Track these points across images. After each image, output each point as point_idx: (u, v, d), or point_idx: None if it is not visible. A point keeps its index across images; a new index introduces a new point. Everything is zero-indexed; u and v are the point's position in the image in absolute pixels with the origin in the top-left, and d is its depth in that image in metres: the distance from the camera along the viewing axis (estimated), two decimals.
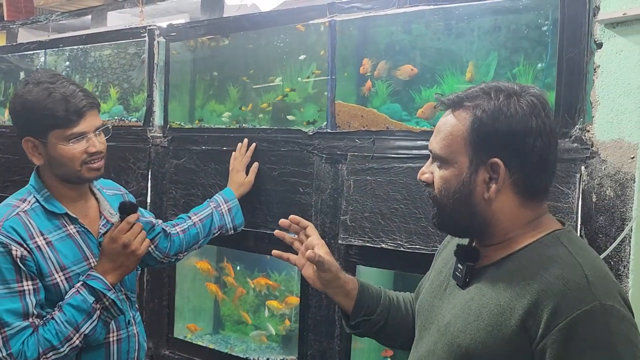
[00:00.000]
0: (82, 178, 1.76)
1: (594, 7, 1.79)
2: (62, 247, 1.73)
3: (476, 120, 1.21)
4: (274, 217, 2.44)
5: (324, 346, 2.34)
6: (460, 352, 1.22)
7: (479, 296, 1.24)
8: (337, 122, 2.32)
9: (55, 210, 1.75)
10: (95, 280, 1.69)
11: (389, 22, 2.30)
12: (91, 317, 1.66)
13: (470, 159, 1.23)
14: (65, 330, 1.64)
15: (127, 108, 3.15)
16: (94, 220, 1.85)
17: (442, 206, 1.29)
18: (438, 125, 1.30)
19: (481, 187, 1.23)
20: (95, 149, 1.74)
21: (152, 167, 2.88)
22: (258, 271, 2.86)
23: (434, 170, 1.31)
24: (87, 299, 1.66)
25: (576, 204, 1.77)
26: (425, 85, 2.22)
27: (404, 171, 2.11)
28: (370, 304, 1.57)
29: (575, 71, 1.81)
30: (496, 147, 1.21)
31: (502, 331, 1.16)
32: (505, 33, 2.07)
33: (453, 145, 1.24)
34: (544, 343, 1.11)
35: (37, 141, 1.73)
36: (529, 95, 1.23)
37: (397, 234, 2.10)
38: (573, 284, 1.12)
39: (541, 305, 1.12)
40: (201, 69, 2.95)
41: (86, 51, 3.37)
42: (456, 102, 1.26)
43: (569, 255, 1.18)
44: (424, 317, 1.40)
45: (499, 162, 1.20)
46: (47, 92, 1.69)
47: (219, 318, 3.04)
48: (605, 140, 1.76)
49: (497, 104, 1.21)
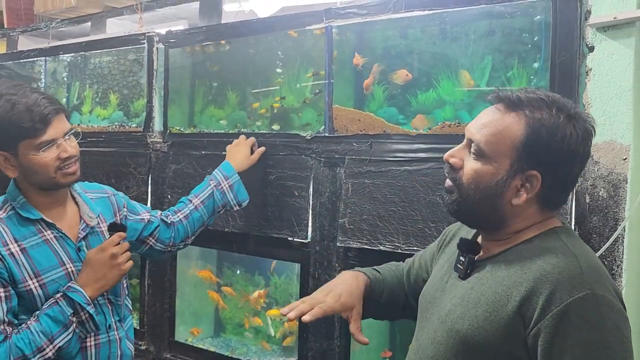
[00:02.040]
0: (58, 184, 1.75)
1: (586, 11, 1.82)
2: (36, 254, 1.71)
3: (535, 132, 1.22)
4: (271, 221, 2.47)
5: (324, 347, 2.36)
6: (459, 337, 1.27)
7: (478, 285, 1.29)
8: (334, 126, 2.35)
9: (30, 216, 1.74)
10: (75, 292, 1.68)
11: (385, 27, 2.33)
12: (67, 329, 1.65)
13: (512, 163, 1.25)
14: (39, 340, 1.62)
15: (127, 114, 3.18)
16: (73, 225, 1.82)
17: (465, 195, 1.30)
18: (487, 118, 1.29)
19: (512, 192, 1.26)
20: (67, 154, 1.72)
21: (153, 172, 2.91)
22: (258, 274, 2.89)
23: (465, 158, 1.31)
24: (65, 311, 1.65)
25: (570, 205, 1.81)
26: (422, 89, 2.25)
27: (401, 174, 2.14)
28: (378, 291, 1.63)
29: (568, 74, 1.84)
30: (540, 161, 1.23)
31: (498, 317, 1.21)
32: (500, 37, 2.11)
33: (500, 144, 1.25)
34: (537, 328, 1.16)
35: (8, 154, 1.71)
36: (584, 121, 1.25)
37: (395, 236, 2.12)
38: (567, 272, 1.17)
39: (537, 293, 1.17)
40: (200, 75, 2.99)
41: (86, 58, 3.40)
42: (516, 104, 1.26)
43: (566, 248, 1.23)
44: (425, 308, 1.45)
45: (538, 175, 1.24)
46: (10, 104, 1.66)
47: (219, 321, 3.07)
48: (597, 142, 1.79)
49: (558, 122, 1.22)
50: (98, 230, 1.89)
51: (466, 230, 1.49)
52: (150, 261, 2.91)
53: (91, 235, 1.86)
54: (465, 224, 1.44)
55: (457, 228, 1.57)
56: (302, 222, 2.39)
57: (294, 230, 2.40)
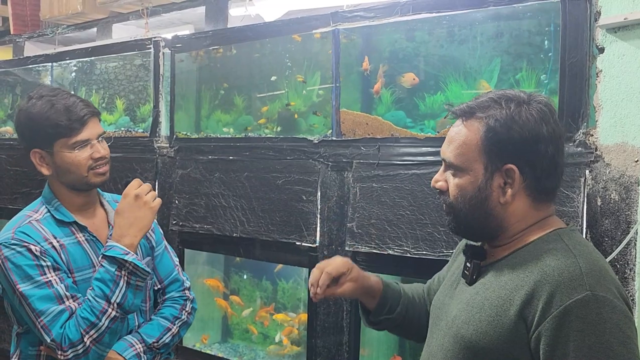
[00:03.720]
0: (89, 184, 1.80)
1: (595, 12, 1.80)
2: (72, 252, 1.77)
3: (490, 130, 1.26)
4: (279, 225, 2.46)
5: (333, 352, 2.35)
6: (464, 342, 1.27)
7: (483, 290, 1.29)
8: (342, 130, 2.34)
9: (64, 219, 1.80)
10: (111, 249, 1.70)
11: (392, 30, 2.32)
12: (118, 285, 1.68)
13: (485, 166, 1.27)
14: (98, 305, 1.66)
15: (134, 119, 3.18)
16: (101, 229, 1.88)
17: (457, 212, 1.33)
18: (450, 134, 1.34)
19: (497, 192, 1.28)
20: (99, 154, 1.79)
21: (159, 177, 2.90)
22: (266, 279, 2.88)
23: (448, 178, 1.35)
24: (109, 269, 1.68)
25: (581, 208, 1.79)
26: (429, 92, 2.24)
27: (410, 177, 2.12)
28: (392, 304, 1.60)
29: (578, 76, 1.82)
30: (510, 154, 1.26)
31: (502, 321, 1.21)
32: (508, 39, 2.09)
33: (467, 153, 1.29)
34: (539, 331, 1.15)
35: (44, 152, 1.78)
36: (537, 102, 1.28)
37: (404, 240, 2.11)
38: (566, 274, 1.16)
39: (537, 295, 1.17)
40: (207, 79, 2.98)
41: (92, 63, 3.40)
42: (467, 112, 1.30)
43: (566, 249, 1.23)
44: (435, 315, 1.45)
45: (514, 167, 1.25)
46: (50, 104, 1.75)
47: (227, 327, 3.06)
48: (609, 144, 1.77)
49: (509, 113, 1.25)
50: None
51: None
52: None
53: None
54: (469, 239, 1.45)
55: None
56: (310, 226, 2.38)
57: (302, 234, 2.39)
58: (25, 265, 1.67)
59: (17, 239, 1.69)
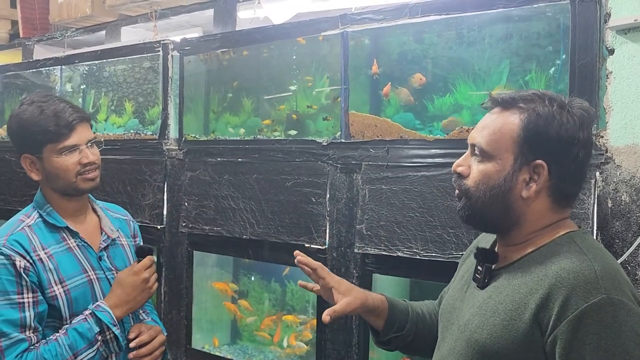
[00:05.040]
0: (77, 189, 1.82)
1: (605, 14, 1.80)
2: (61, 261, 1.77)
3: (530, 122, 1.26)
4: (288, 228, 2.46)
5: (342, 355, 2.35)
6: (478, 347, 1.27)
7: (496, 294, 1.29)
8: (351, 132, 2.34)
9: (56, 223, 1.81)
10: (103, 312, 1.74)
11: (401, 32, 2.32)
12: (92, 346, 1.71)
13: (516, 157, 1.27)
14: (65, 353, 1.67)
15: (143, 121, 3.20)
16: (93, 235, 1.89)
17: (475, 199, 1.32)
18: (485, 121, 1.34)
19: (520, 186, 1.28)
20: (88, 159, 1.80)
21: (168, 179, 2.91)
22: (275, 281, 2.88)
23: (472, 164, 1.34)
24: (92, 328, 1.71)
25: (592, 210, 1.78)
26: (438, 94, 2.24)
27: (419, 179, 2.12)
28: (400, 321, 1.60)
29: (588, 78, 1.82)
30: (543, 150, 1.26)
31: (516, 326, 1.21)
32: (517, 41, 2.09)
33: (500, 141, 1.28)
34: (554, 335, 1.15)
35: (34, 157, 1.80)
36: (579, 107, 1.28)
37: (413, 242, 2.11)
38: (582, 277, 1.16)
39: (552, 299, 1.17)
40: (215, 82, 2.99)
41: (101, 66, 3.42)
42: (509, 102, 1.31)
43: (580, 252, 1.22)
44: (446, 319, 1.45)
45: (544, 164, 1.26)
46: (40, 109, 1.78)
47: (236, 328, 3.06)
48: (619, 146, 1.77)
49: (552, 110, 1.26)
50: (118, 242, 1.95)
51: (485, 241, 1.49)
52: (168, 268, 2.92)
53: (112, 246, 1.92)
54: (480, 229, 1.44)
55: (477, 241, 1.57)
56: (319, 228, 2.38)
57: (312, 236, 2.40)
58: (5, 279, 1.68)
59: (9, 247, 1.70)
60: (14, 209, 3.54)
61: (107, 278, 1.85)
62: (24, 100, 1.84)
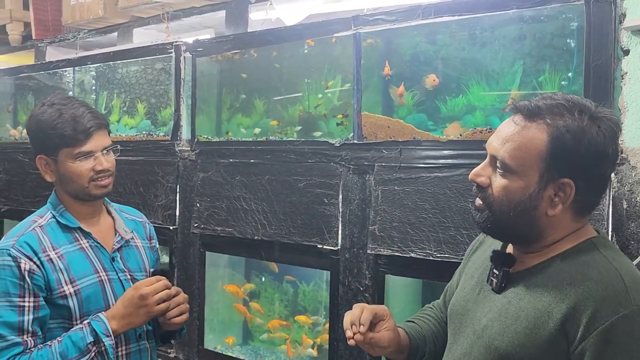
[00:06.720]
0: (90, 195, 1.81)
1: (620, 14, 1.79)
2: (72, 261, 1.77)
3: (559, 139, 1.18)
4: (300, 229, 2.46)
5: (355, 355, 2.35)
6: (498, 354, 1.24)
7: (516, 300, 1.26)
8: (363, 133, 2.34)
9: (69, 224, 1.81)
10: (98, 322, 1.71)
11: (413, 33, 2.32)
12: (83, 356, 1.68)
13: (541, 174, 1.21)
14: None
15: (155, 123, 3.21)
16: (107, 236, 1.89)
17: (498, 214, 1.26)
18: (507, 131, 1.25)
19: (546, 203, 1.22)
20: (101, 167, 1.80)
21: (181, 180, 2.93)
22: (286, 282, 2.89)
23: (492, 176, 1.27)
24: (85, 338, 1.68)
25: (607, 211, 1.77)
26: (451, 95, 2.23)
27: (432, 181, 2.12)
28: (421, 347, 1.55)
29: (603, 78, 1.81)
30: (571, 168, 1.19)
31: (540, 334, 1.18)
32: (531, 42, 2.08)
33: (525, 157, 1.21)
34: (582, 346, 1.13)
35: (49, 159, 1.81)
36: (609, 120, 1.21)
37: (426, 243, 2.11)
38: (612, 289, 1.14)
39: (580, 310, 1.14)
40: (227, 83, 3.00)
41: (114, 67, 3.43)
42: (535, 113, 1.22)
43: (606, 261, 1.20)
44: (458, 321, 1.42)
45: (571, 183, 1.20)
46: (58, 112, 1.78)
47: (248, 329, 3.07)
48: (634, 147, 1.76)
49: (582, 125, 1.18)
50: (132, 244, 1.94)
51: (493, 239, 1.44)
52: (180, 269, 2.93)
53: (125, 247, 1.91)
54: (500, 239, 1.39)
55: (484, 236, 1.53)
56: (332, 229, 2.39)
57: (324, 237, 2.40)
58: (9, 280, 1.68)
59: (17, 249, 1.70)
60: (27, 210, 3.57)
61: (120, 279, 1.84)
62: (44, 101, 1.84)
